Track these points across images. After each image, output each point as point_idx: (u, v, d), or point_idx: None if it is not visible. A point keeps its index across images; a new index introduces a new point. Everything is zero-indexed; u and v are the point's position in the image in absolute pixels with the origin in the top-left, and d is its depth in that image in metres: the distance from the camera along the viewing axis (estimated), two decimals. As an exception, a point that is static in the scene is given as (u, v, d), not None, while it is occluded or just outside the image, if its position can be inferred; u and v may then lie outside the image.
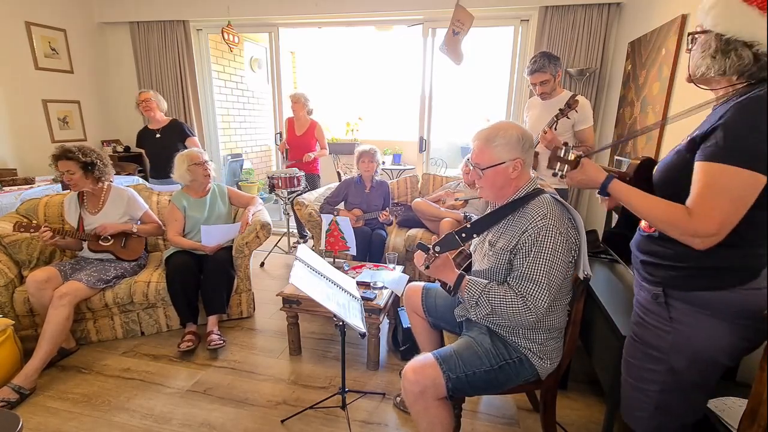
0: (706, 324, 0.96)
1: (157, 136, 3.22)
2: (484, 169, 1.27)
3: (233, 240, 2.52)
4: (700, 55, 0.94)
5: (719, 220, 0.85)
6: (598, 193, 1.10)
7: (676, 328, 0.99)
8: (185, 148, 2.98)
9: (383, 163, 3.27)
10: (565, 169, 1.12)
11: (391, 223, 3.03)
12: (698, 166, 0.89)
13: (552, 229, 1.17)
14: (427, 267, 1.27)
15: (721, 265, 0.92)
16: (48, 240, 2.08)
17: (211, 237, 2.38)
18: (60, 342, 2.02)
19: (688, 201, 0.90)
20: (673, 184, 0.97)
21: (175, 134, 3.24)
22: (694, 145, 0.92)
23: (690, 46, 0.99)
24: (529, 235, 1.19)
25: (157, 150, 3.21)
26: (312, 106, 3.70)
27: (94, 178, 2.18)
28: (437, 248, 1.26)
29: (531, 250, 1.19)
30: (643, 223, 1.09)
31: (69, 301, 2.00)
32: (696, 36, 0.96)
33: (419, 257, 1.30)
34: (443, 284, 1.36)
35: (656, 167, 1.05)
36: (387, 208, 2.89)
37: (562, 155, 1.14)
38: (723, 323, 0.94)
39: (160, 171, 3.16)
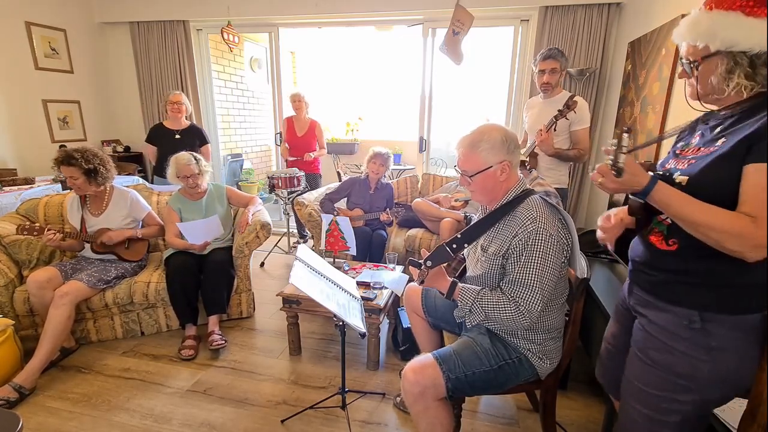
0: (748, 349, 0.87)
1: (177, 137, 3.25)
2: (472, 175, 1.27)
3: (233, 240, 2.52)
4: (725, 76, 0.85)
5: None
6: (638, 196, 0.89)
7: (716, 357, 0.87)
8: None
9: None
10: (622, 159, 0.82)
11: (391, 224, 3.03)
12: (755, 168, 0.79)
13: (542, 231, 1.17)
14: (422, 282, 1.28)
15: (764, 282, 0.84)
16: (53, 242, 2.07)
17: (194, 235, 2.36)
18: (61, 342, 2.02)
19: (746, 208, 0.79)
20: (725, 193, 0.84)
21: (195, 138, 3.30)
22: (741, 148, 0.81)
23: (693, 72, 0.90)
24: (520, 240, 1.19)
25: (175, 150, 3.22)
26: (309, 104, 3.72)
27: (97, 183, 2.19)
28: (428, 263, 1.26)
29: (522, 255, 1.19)
30: (653, 238, 0.97)
31: (70, 300, 2.00)
32: (699, 62, 0.87)
33: (413, 273, 1.31)
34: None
35: (692, 175, 0.89)
36: (388, 209, 2.89)
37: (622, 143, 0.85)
38: (757, 345, 0.88)
39: None
